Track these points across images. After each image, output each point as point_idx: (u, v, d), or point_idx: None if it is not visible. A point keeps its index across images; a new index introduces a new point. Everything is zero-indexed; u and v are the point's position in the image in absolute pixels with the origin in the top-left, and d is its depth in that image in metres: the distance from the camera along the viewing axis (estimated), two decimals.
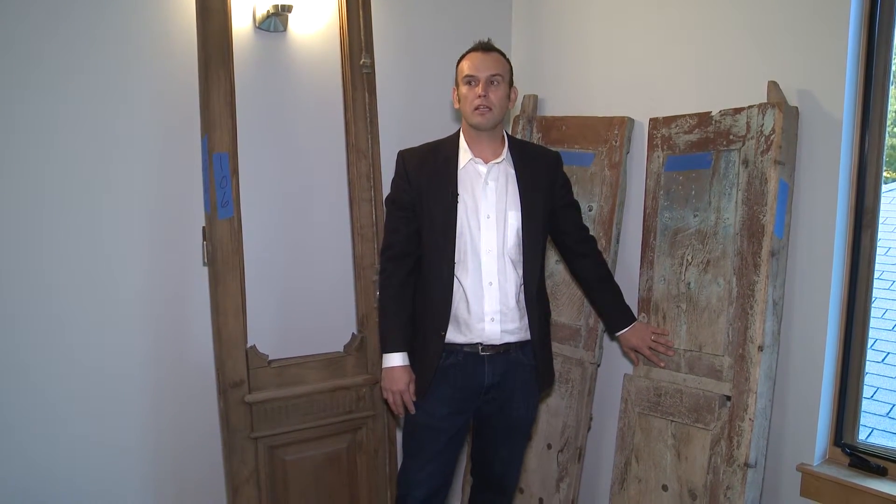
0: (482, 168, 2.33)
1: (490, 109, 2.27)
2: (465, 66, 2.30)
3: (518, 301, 2.35)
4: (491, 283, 2.30)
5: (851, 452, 2.37)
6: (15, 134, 2.32)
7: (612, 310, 2.64)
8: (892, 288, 3.61)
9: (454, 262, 2.30)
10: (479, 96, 2.26)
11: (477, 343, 2.32)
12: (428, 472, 2.40)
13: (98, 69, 2.43)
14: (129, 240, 2.54)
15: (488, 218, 2.31)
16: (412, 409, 2.36)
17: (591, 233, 2.84)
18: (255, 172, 2.68)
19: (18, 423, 2.38)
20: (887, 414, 3.09)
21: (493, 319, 2.31)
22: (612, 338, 2.74)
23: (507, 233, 2.32)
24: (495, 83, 2.28)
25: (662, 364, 2.60)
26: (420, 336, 2.37)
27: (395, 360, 2.34)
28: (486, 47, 2.33)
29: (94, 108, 2.44)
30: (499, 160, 2.35)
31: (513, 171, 2.36)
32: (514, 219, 2.32)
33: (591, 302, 2.74)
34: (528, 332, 2.38)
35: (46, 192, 2.38)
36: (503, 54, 2.34)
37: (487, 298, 2.30)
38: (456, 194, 2.30)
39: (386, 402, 2.43)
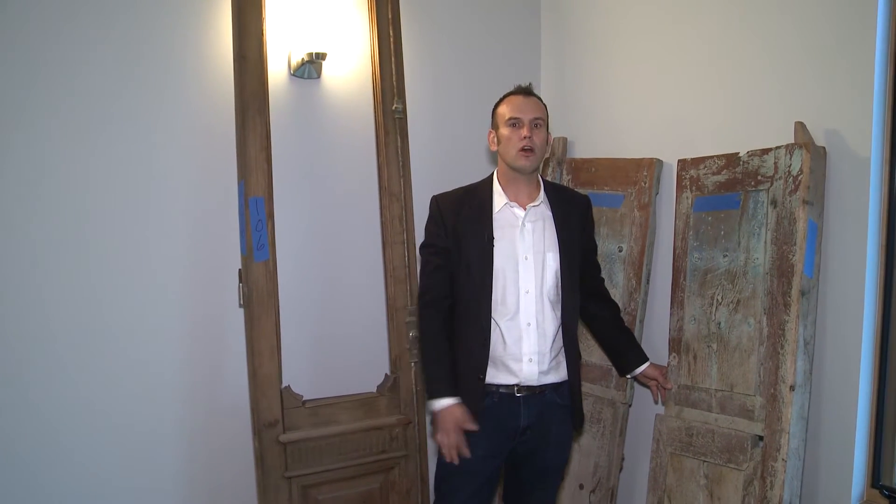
0: (519, 211, 2.35)
1: (534, 152, 2.31)
2: (508, 109, 2.34)
3: (556, 342, 2.37)
4: (530, 324, 2.32)
5: (890, 495, 2.34)
6: (55, 178, 2.42)
7: (629, 348, 2.69)
8: None
9: (492, 305, 2.31)
10: (525, 137, 2.29)
11: (513, 384, 2.32)
12: None
13: (137, 115, 2.55)
14: (167, 281, 2.62)
15: (526, 259, 2.33)
16: (466, 453, 2.29)
17: (621, 273, 2.88)
18: (289, 216, 2.75)
19: (53, 463, 2.45)
20: None
21: (531, 360, 2.32)
22: (627, 375, 2.75)
23: (545, 274, 2.34)
24: (538, 126, 2.33)
25: (670, 385, 2.65)
26: (457, 379, 2.36)
27: (448, 402, 2.31)
28: (526, 91, 2.37)
29: (133, 152, 2.55)
30: (536, 203, 2.38)
31: (549, 214, 2.40)
32: (552, 260, 2.35)
33: (606, 340, 2.73)
34: (566, 373, 2.40)
35: (85, 235, 2.47)
36: (541, 99, 2.39)
37: (526, 339, 2.32)
38: (492, 237, 2.33)
39: (439, 447, 2.37)
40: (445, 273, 2.38)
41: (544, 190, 2.43)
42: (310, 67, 2.78)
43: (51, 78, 2.39)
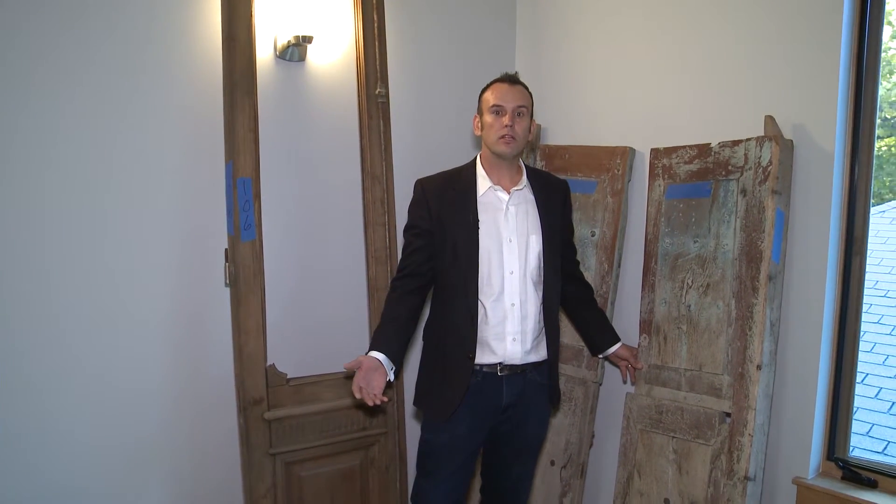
0: (503, 195, 2.42)
1: (514, 139, 2.36)
2: (492, 97, 2.38)
3: (538, 321, 2.44)
4: (513, 304, 2.38)
5: (844, 466, 2.49)
6: (42, 158, 2.40)
7: (602, 328, 2.79)
8: (880, 322, 3.85)
9: (478, 286, 2.37)
10: (506, 126, 2.34)
11: (496, 363, 2.39)
12: (444, 490, 2.46)
13: (124, 95, 2.52)
14: (154, 261, 2.61)
15: (510, 241, 2.39)
16: (370, 402, 2.27)
17: (594, 257, 2.98)
18: (273, 197, 2.77)
19: (37, 440, 2.44)
20: (867, 433, 3.27)
21: (514, 339, 2.38)
22: (599, 355, 2.86)
23: (528, 255, 2.41)
24: (521, 115, 2.38)
25: (640, 365, 2.77)
26: (442, 359, 2.43)
27: (372, 353, 2.32)
28: (512, 79, 2.41)
29: (120, 132, 2.52)
30: (519, 187, 2.44)
31: (532, 197, 2.46)
32: (535, 242, 2.42)
33: (580, 321, 2.83)
34: (546, 352, 2.48)
35: (72, 214, 2.45)
36: (527, 87, 2.44)
37: (510, 319, 2.38)
38: (477, 220, 2.38)
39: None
40: (424, 255, 2.43)
41: (527, 175, 2.50)
42: (295, 50, 2.79)
43: (33, 58, 2.35)
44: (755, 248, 2.46)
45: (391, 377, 2.33)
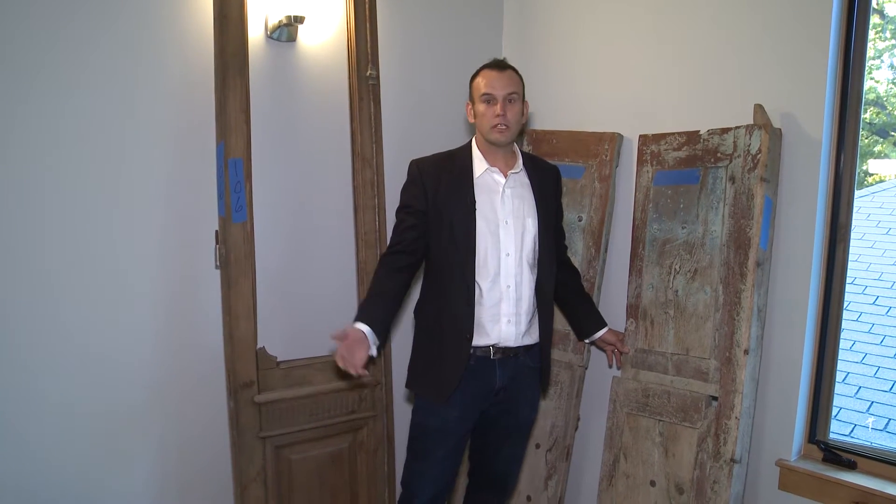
0: (499, 178, 2.42)
1: (508, 127, 2.37)
2: (482, 85, 2.39)
3: (532, 304, 2.46)
4: (509, 286, 2.39)
5: (825, 448, 2.56)
6: (32, 137, 2.34)
7: (589, 313, 2.82)
8: (859, 320, 3.98)
9: (475, 267, 2.38)
10: (498, 115, 2.35)
11: (489, 346, 2.40)
12: (436, 473, 2.48)
13: (114, 74, 2.47)
14: (142, 242, 2.57)
15: (506, 224, 2.40)
16: (354, 372, 2.26)
17: (581, 242, 3.00)
18: (263, 178, 2.73)
19: (24, 423, 2.40)
20: (835, 416, 3.33)
21: (509, 321, 2.40)
22: (585, 340, 2.90)
23: (525, 238, 2.42)
24: (512, 101, 2.38)
25: (627, 350, 2.81)
26: (438, 341, 2.42)
27: (358, 325, 2.31)
28: (500, 65, 2.42)
29: (110, 112, 2.47)
30: (515, 170, 2.45)
31: (527, 181, 2.48)
32: (531, 225, 2.43)
33: (567, 305, 2.85)
34: (538, 335, 2.50)
35: (61, 194, 2.40)
36: (516, 71, 2.44)
37: (505, 301, 2.39)
38: (474, 201, 2.38)
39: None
40: (417, 233, 2.42)
41: (522, 159, 2.51)
42: (286, 30, 2.75)
43: (20, 36, 2.29)
44: (743, 234, 2.50)
45: (373, 352, 2.31)
